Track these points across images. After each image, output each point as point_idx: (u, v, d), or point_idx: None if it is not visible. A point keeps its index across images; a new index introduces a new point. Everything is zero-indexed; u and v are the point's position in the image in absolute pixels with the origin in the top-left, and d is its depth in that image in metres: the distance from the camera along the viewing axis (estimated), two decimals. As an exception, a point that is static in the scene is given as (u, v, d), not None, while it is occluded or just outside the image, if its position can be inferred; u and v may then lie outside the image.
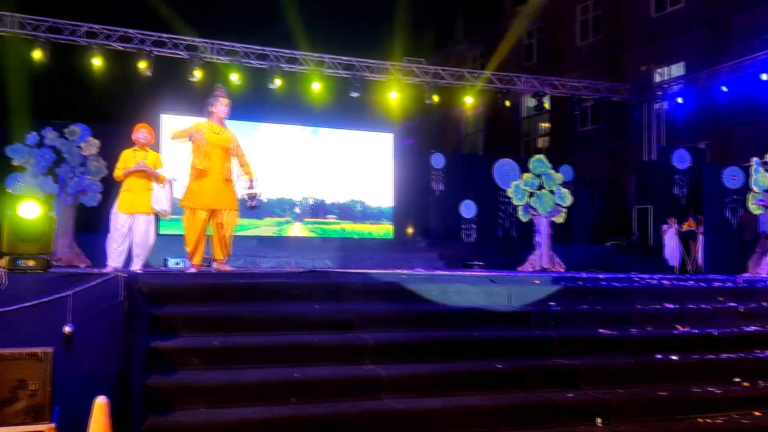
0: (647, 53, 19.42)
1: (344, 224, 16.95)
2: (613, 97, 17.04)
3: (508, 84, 16.00)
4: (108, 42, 13.09)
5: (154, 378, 4.20)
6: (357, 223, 17.05)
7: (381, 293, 5.74)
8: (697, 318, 6.35)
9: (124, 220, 7.13)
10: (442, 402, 4.64)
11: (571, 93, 16.61)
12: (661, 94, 17.46)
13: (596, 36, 22.40)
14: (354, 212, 17.11)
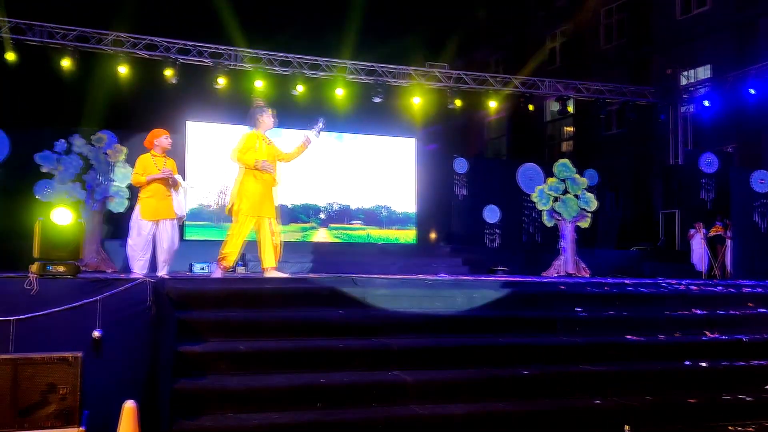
0: (673, 56, 19.21)
1: (370, 230, 16.95)
2: (638, 101, 16.87)
3: (532, 88, 15.92)
4: (134, 50, 13.26)
5: (182, 382, 4.23)
6: (383, 228, 17.04)
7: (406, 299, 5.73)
8: (727, 324, 6.26)
9: (149, 227, 7.12)
10: (467, 408, 4.61)
11: (595, 96, 16.47)
12: (687, 98, 17.24)
13: (621, 39, 22.20)
14: (379, 218, 17.11)
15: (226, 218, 16.12)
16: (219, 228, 15.41)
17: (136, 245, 7.07)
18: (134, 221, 7.12)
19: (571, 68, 22.84)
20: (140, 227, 7.08)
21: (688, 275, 12.15)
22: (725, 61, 18.02)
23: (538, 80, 16.05)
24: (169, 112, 14.48)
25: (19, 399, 4.02)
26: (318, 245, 15.44)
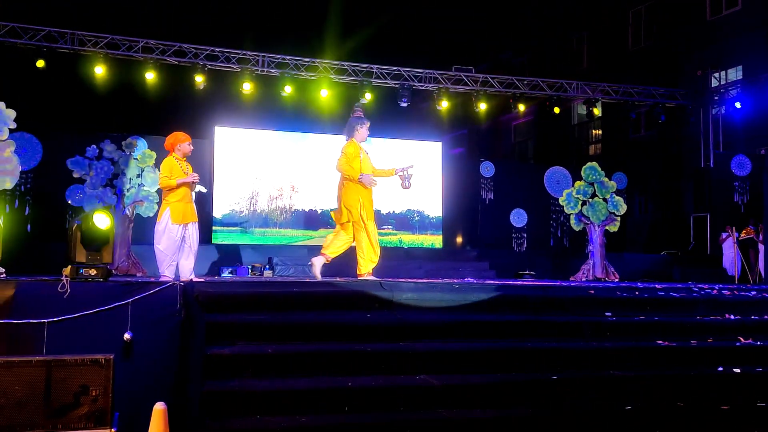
0: (703, 57, 18.93)
1: (401, 235, 16.90)
2: (667, 103, 16.63)
3: (559, 90, 15.79)
4: (163, 57, 13.43)
5: (211, 385, 4.26)
6: (414, 233, 16.99)
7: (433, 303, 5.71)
8: (761, 329, 6.14)
9: (179, 231, 7.15)
10: (495, 413, 4.59)
11: (624, 99, 16.28)
12: (717, 99, 16.95)
13: (649, 41, 21.94)
14: (411, 222, 17.08)
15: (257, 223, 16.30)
16: (249, 233, 15.54)
17: (167, 249, 7.05)
18: (163, 225, 7.08)
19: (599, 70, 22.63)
20: (170, 231, 7.06)
21: (719, 280, 11.94)
22: (757, 61, 17.70)
23: (565, 83, 15.92)
24: (198, 118, 14.65)
25: (52, 400, 4.09)
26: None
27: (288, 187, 16.18)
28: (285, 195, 16.20)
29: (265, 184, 15.85)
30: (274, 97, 14.52)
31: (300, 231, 16.17)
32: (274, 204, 16.15)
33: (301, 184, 16.23)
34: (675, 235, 17.20)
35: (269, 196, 16.01)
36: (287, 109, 15.17)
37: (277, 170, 16.02)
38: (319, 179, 16.32)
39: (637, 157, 20.74)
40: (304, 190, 16.27)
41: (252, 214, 15.77)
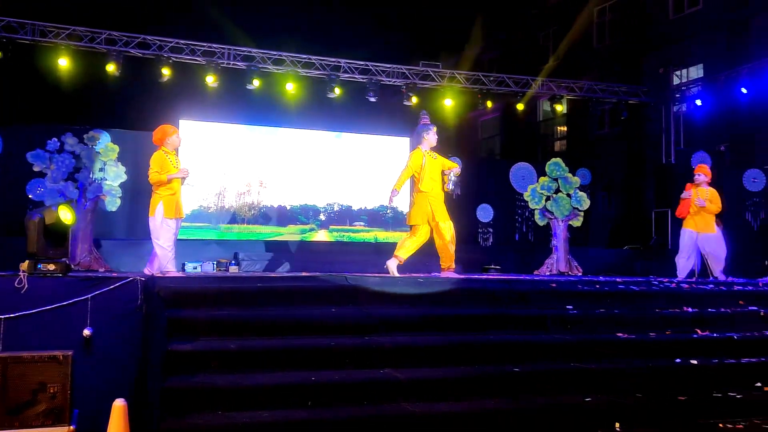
0: (665, 55, 19.27)
1: (376, 232, 16.85)
2: (630, 100, 16.90)
3: (524, 87, 15.93)
4: (127, 48, 13.21)
5: (172, 381, 4.22)
6: (389, 230, 16.96)
7: (399, 297, 5.73)
8: (717, 322, 6.29)
9: (175, 225, 7.05)
10: (459, 406, 4.62)
11: (588, 96, 16.50)
12: (679, 97, 17.29)
13: (613, 38, 22.26)
14: (384, 218, 17.06)
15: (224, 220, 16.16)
16: (216, 230, 15.38)
17: (167, 244, 6.95)
18: (159, 221, 6.96)
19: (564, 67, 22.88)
20: (168, 225, 6.97)
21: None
22: (717, 60, 18.09)
23: (530, 79, 16.07)
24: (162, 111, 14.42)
25: (9, 398, 4.01)
26: (312, 244, 15.44)
27: (256, 183, 16.06)
28: (253, 191, 16.08)
29: (232, 179, 15.71)
30: (241, 91, 14.38)
31: (268, 227, 16.06)
32: (242, 200, 16.02)
33: (269, 179, 16.12)
34: (637, 230, 17.49)
35: (237, 191, 15.88)
36: (255, 102, 15.04)
37: (244, 165, 15.89)
38: (287, 175, 16.23)
39: (600, 154, 21.06)
40: (272, 185, 16.16)
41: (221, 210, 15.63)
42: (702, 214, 9.21)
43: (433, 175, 7.77)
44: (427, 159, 7.80)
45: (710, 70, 18.11)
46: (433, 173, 7.76)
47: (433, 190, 7.73)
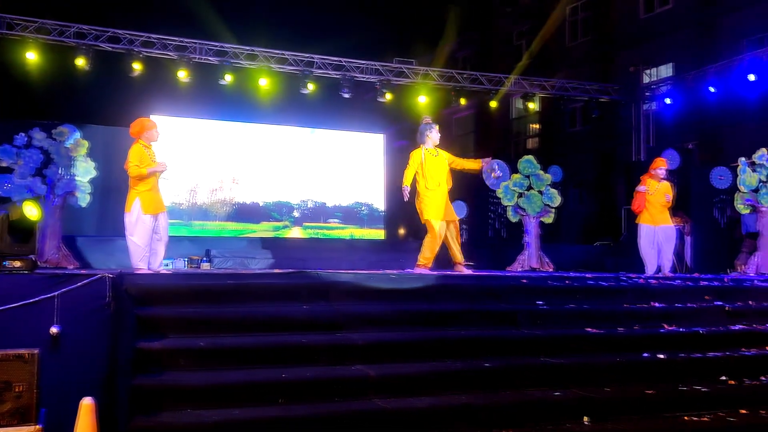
0: (636, 54, 19.52)
1: (351, 229, 16.83)
2: (601, 98, 17.10)
3: (497, 85, 16.03)
4: (96, 42, 13.03)
5: (141, 379, 4.19)
6: (364, 228, 16.94)
7: (370, 293, 5.75)
8: (684, 317, 6.40)
9: (152, 221, 6.95)
10: (430, 401, 4.64)
11: (560, 94, 16.66)
12: (649, 95, 17.53)
13: (585, 37, 22.48)
14: (360, 215, 17.04)
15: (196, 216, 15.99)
16: (188, 226, 15.25)
17: (142, 241, 6.86)
18: (135, 216, 6.85)
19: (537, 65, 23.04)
20: (143, 222, 6.86)
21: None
22: (687, 59, 18.37)
23: (503, 77, 16.18)
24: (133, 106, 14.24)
25: (-27, 397, 3.94)
26: (285, 241, 15.40)
27: (229, 179, 15.95)
28: (226, 187, 15.97)
29: (205, 175, 15.59)
30: (214, 86, 14.26)
31: (241, 224, 15.96)
32: (215, 196, 15.91)
33: (242, 176, 16.03)
34: (608, 227, 17.72)
35: (210, 188, 15.76)
36: (227, 98, 14.93)
37: (217, 161, 15.77)
38: (261, 171, 16.14)
39: (572, 151, 21.28)
40: (245, 182, 16.07)
41: (193, 206, 15.50)
42: (659, 207, 9.34)
43: (438, 172, 7.90)
44: (427, 156, 7.93)
45: (680, 68, 18.39)
46: (435, 169, 7.89)
47: (440, 186, 7.88)
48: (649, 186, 9.43)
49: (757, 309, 6.83)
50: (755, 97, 15.45)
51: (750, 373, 5.73)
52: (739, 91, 15.17)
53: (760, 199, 10.62)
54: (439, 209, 7.83)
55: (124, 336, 4.43)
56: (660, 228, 9.29)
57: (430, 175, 7.87)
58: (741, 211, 11.00)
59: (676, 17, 19.17)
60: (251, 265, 12.44)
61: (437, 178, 7.88)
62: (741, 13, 17.56)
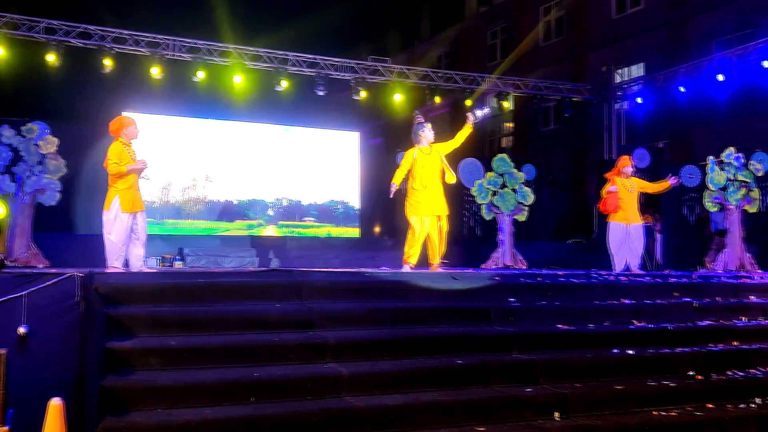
0: (608, 54, 19.75)
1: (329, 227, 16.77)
2: (574, 97, 17.27)
3: (472, 84, 16.11)
4: (67, 38, 12.83)
5: (110, 379, 4.15)
6: (339, 226, 16.90)
7: (344, 291, 5.75)
8: (653, 313, 6.50)
9: (129, 220, 6.91)
10: (403, 398, 4.66)
11: (533, 93, 16.79)
12: (621, 95, 17.75)
13: (558, 36, 22.69)
14: (335, 214, 16.99)
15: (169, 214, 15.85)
16: (161, 225, 15.09)
17: (118, 239, 6.82)
18: (113, 214, 6.81)
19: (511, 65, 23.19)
20: (121, 220, 6.82)
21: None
22: (657, 59, 18.64)
23: (478, 76, 16.26)
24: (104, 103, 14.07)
25: (-62, 399, 3.87)
26: (259, 239, 15.31)
27: (202, 177, 15.82)
28: (199, 185, 15.83)
29: (177, 173, 15.44)
30: (187, 83, 14.13)
31: (214, 222, 15.83)
32: (188, 194, 15.76)
33: (215, 173, 15.90)
34: (580, 224, 17.92)
35: (182, 186, 15.61)
36: (201, 95, 14.80)
37: (190, 159, 15.63)
38: (234, 169, 16.02)
39: (546, 150, 21.47)
40: (219, 180, 15.94)
41: (165, 204, 15.35)
42: (631, 205, 9.45)
43: (428, 171, 7.94)
44: (420, 155, 7.99)
45: (651, 68, 18.66)
46: (427, 169, 7.94)
47: (427, 187, 7.91)
48: (618, 185, 9.53)
49: (724, 305, 6.96)
50: (724, 98, 15.73)
51: (717, 368, 5.84)
52: (709, 92, 15.43)
53: (728, 197, 10.82)
54: (423, 207, 7.88)
55: (93, 335, 4.38)
56: (632, 226, 9.40)
57: (419, 176, 7.92)
58: (709, 209, 11.19)
59: (647, 18, 19.44)
60: (224, 264, 12.37)
61: (426, 179, 7.92)
62: (710, 14, 17.86)
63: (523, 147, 22.88)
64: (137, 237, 7.01)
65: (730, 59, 14.69)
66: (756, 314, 6.94)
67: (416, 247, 7.93)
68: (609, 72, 17.68)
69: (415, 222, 7.90)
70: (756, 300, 7.22)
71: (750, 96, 15.96)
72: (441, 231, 8.02)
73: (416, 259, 7.96)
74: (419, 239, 7.92)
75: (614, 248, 9.43)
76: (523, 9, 23.65)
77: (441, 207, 7.99)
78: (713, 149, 12.03)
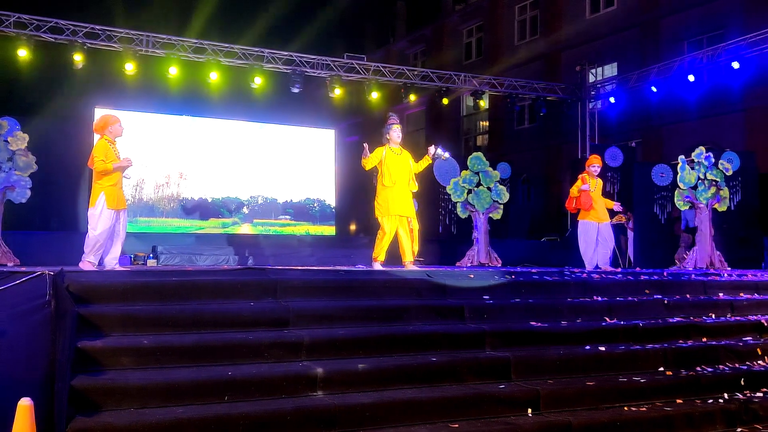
0: (582, 53, 19.95)
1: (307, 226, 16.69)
2: (548, 96, 17.42)
3: (448, 82, 16.17)
4: (38, 33, 12.63)
5: (81, 378, 4.10)
6: (315, 224, 16.83)
7: (319, 289, 5.74)
8: (625, 310, 6.58)
9: (114, 217, 6.95)
10: (377, 396, 4.67)
11: (508, 92, 16.90)
12: (594, 94, 17.95)
13: (533, 36, 22.86)
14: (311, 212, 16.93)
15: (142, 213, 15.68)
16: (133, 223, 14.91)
17: (101, 235, 6.86)
18: (98, 211, 6.86)
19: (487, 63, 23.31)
20: (106, 217, 6.86)
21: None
22: (630, 59, 18.87)
23: (454, 74, 16.32)
24: (76, 99, 13.89)
25: None
26: (234, 237, 15.22)
27: (176, 175, 15.67)
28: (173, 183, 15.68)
29: (151, 171, 15.27)
30: (161, 79, 14.00)
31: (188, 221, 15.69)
32: (161, 192, 15.60)
33: (190, 171, 15.75)
34: (554, 222, 18.09)
35: (156, 183, 15.45)
36: (175, 91, 14.67)
37: (164, 156, 15.48)
38: (209, 166, 15.89)
39: (521, 148, 21.62)
40: (193, 177, 15.80)
41: (138, 201, 15.18)
42: (600, 204, 9.61)
43: (397, 170, 8.01)
44: (389, 153, 8.06)
45: (623, 68, 18.88)
46: (396, 168, 8.00)
47: (396, 184, 7.98)
48: (589, 183, 9.66)
49: (694, 302, 7.08)
50: (695, 98, 15.99)
51: (686, 364, 5.94)
52: (680, 92, 15.67)
53: (698, 195, 11.00)
54: (390, 207, 7.95)
55: (64, 334, 4.32)
56: (603, 225, 9.52)
57: (388, 173, 8.00)
58: (680, 207, 11.37)
59: (620, 18, 19.66)
60: (199, 262, 12.28)
61: (395, 176, 7.99)
62: (681, 15, 18.13)
63: (498, 145, 23.03)
64: (117, 235, 7.07)
65: (700, 60, 14.93)
66: (725, 311, 7.07)
67: (383, 245, 8.03)
68: (583, 71, 17.87)
69: (385, 221, 8.01)
70: (724, 297, 7.35)
71: (720, 96, 16.24)
72: (412, 231, 8.10)
73: (384, 257, 8.06)
74: (387, 238, 8.01)
75: (584, 247, 9.55)
76: (499, 8, 23.78)
77: (408, 209, 8.08)
78: (684, 148, 12.22)
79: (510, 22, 23.50)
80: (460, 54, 25.58)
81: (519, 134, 22.93)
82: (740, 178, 11.68)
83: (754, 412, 5.45)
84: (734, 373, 5.89)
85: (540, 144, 21.31)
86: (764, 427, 5.37)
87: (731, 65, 14.14)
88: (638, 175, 13.24)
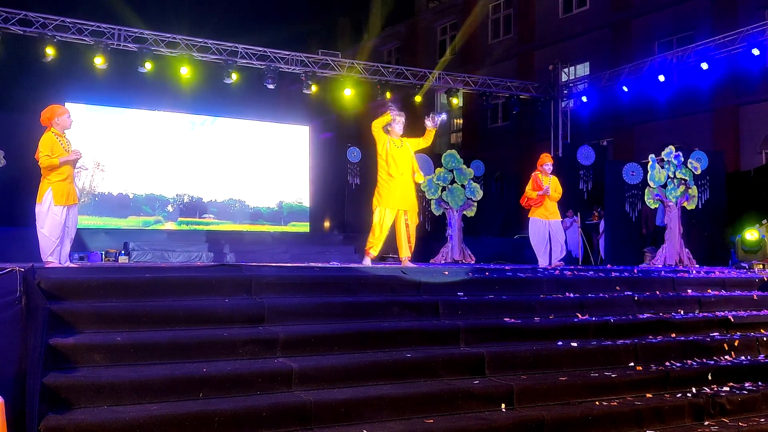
0: (554, 53, 20.14)
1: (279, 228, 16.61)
2: (522, 95, 17.57)
3: (422, 79, 16.21)
4: (6, 25, 12.40)
5: (53, 376, 4.05)
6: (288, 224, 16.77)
7: (294, 286, 5.73)
8: (596, 306, 6.68)
9: (63, 213, 6.71)
10: (352, 392, 4.69)
11: (482, 90, 17.01)
12: (567, 93, 18.14)
13: (507, 34, 23.02)
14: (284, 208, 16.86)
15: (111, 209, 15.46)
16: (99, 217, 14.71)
17: (51, 233, 6.64)
18: (46, 207, 6.63)
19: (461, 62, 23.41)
20: (54, 213, 6.63)
21: (565, 261, 12.83)
22: (602, 59, 19.10)
23: (428, 72, 16.37)
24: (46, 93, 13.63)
25: None
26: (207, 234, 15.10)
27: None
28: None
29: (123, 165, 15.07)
30: (133, 74, 13.82)
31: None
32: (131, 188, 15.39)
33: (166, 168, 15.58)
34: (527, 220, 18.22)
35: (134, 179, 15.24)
36: (147, 86, 14.50)
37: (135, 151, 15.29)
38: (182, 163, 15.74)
39: (494, 146, 21.77)
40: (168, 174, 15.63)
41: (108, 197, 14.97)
42: (551, 201, 9.79)
43: (399, 161, 7.86)
44: (391, 146, 7.93)
45: (595, 68, 19.11)
46: (398, 160, 7.86)
47: (403, 175, 7.85)
48: (543, 182, 9.84)
49: (663, 299, 7.21)
50: (665, 98, 16.25)
51: (656, 359, 6.06)
52: (650, 92, 15.91)
53: (668, 194, 11.18)
54: (391, 200, 7.80)
55: (35, 332, 4.26)
56: (553, 222, 9.72)
57: (394, 163, 7.85)
58: (651, 205, 11.55)
59: (593, 18, 19.89)
60: (172, 259, 12.16)
61: (401, 167, 7.86)
62: (652, 16, 18.40)
63: (472, 143, 23.15)
64: (66, 232, 6.82)
65: (670, 60, 15.17)
66: (693, 307, 7.22)
67: (380, 238, 7.85)
68: (556, 70, 18.05)
69: (380, 213, 7.83)
70: (693, 293, 7.50)
71: (689, 97, 16.52)
72: (408, 226, 7.96)
73: (377, 252, 7.92)
74: (384, 231, 7.85)
75: (537, 243, 9.71)
76: (473, 6, 23.89)
77: (409, 202, 7.94)
78: (654, 147, 12.40)
79: (484, 20, 23.63)
80: (434, 52, 25.66)
81: (493, 132, 23.09)
82: (708, 177, 11.90)
83: (721, 405, 5.58)
84: (702, 368, 6.02)
85: (514, 142, 21.48)
86: (731, 420, 5.50)
87: (700, 66, 14.39)
88: (610, 173, 13.41)
